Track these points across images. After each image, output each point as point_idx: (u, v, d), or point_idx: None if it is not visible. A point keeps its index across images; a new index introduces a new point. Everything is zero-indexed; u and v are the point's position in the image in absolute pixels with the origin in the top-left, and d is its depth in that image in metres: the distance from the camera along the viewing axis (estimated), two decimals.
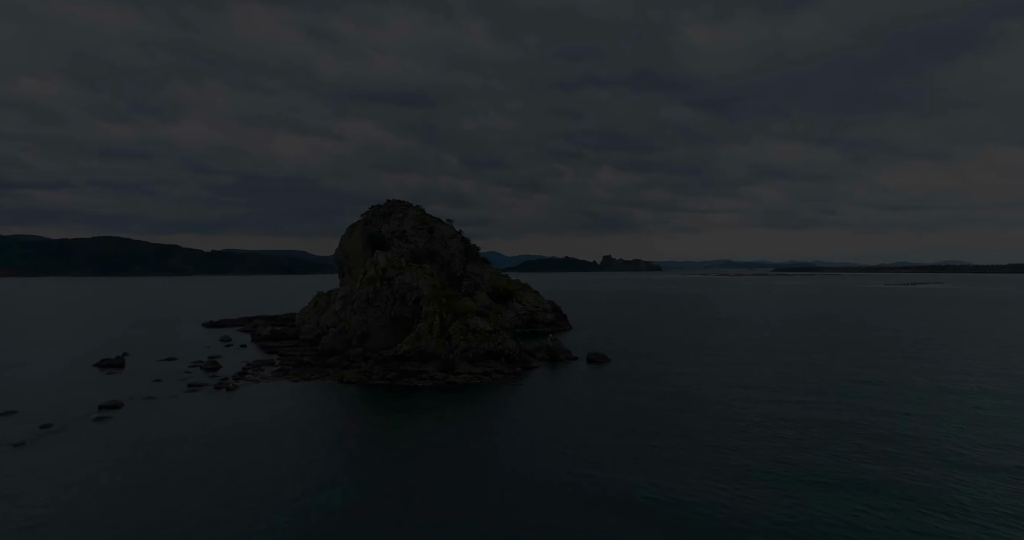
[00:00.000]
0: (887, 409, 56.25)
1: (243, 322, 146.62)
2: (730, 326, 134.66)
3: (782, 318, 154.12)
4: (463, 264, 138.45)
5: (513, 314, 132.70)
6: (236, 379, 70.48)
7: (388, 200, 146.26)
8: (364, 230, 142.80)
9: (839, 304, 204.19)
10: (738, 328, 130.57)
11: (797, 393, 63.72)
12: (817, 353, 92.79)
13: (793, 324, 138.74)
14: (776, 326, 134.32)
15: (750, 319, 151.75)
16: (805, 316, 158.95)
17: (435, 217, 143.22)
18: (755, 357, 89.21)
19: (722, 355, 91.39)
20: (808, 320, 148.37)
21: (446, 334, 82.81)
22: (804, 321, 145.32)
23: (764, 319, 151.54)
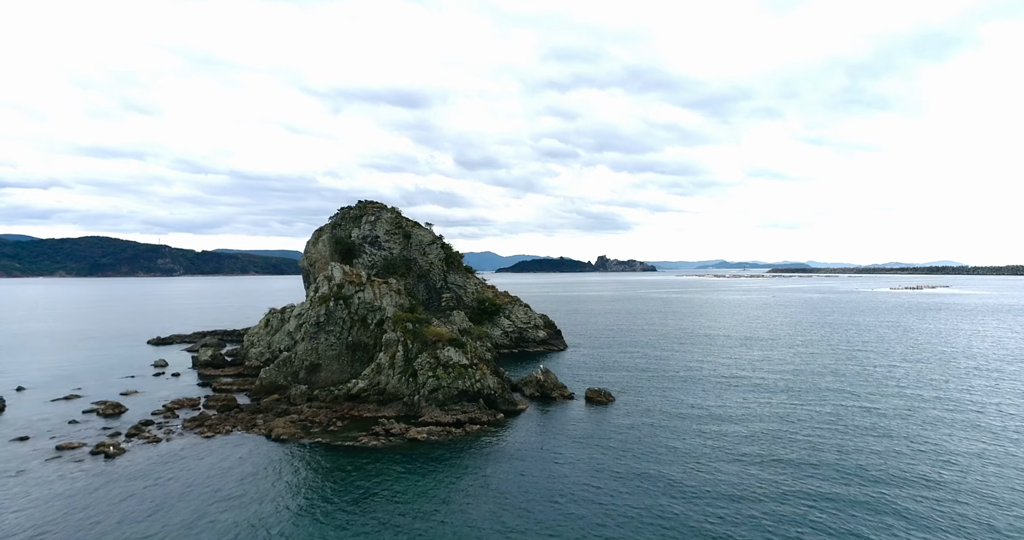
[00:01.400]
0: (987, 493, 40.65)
1: (196, 338, 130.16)
2: (746, 346, 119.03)
3: (804, 337, 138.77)
4: (444, 274, 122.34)
5: (500, 332, 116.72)
6: (129, 436, 54.18)
7: (360, 201, 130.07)
8: (332, 235, 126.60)
9: (860, 318, 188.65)
10: (756, 349, 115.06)
11: (879, 475, 48.03)
12: (873, 395, 77.16)
13: (821, 346, 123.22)
14: (801, 347, 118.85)
15: (766, 336, 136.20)
16: (830, 334, 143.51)
17: (412, 220, 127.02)
18: (793, 396, 73.45)
19: (751, 392, 75.61)
20: (838, 341, 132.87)
21: (411, 369, 66.72)
22: (833, 342, 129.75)
23: (783, 337, 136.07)
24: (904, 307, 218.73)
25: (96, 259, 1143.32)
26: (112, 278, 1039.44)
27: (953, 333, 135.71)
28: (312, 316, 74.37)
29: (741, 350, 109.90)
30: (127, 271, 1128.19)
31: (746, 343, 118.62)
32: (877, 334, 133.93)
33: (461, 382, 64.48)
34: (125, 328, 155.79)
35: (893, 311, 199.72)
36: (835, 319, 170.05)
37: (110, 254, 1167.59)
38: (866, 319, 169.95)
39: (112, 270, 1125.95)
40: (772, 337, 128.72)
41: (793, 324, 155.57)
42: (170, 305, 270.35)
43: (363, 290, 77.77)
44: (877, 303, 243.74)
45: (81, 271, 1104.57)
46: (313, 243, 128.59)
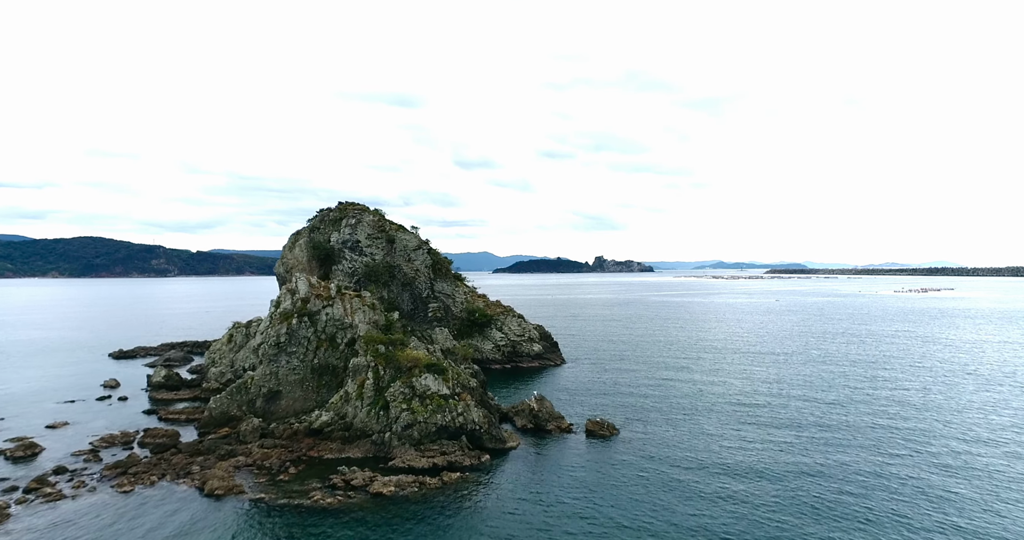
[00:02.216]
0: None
1: (163, 350, 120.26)
2: (759, 362, 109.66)
3: (819, 349, 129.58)
4: (430, 282, 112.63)
5: (492, 345, 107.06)
6: (28, 491, 44.38)
7: (340, 202, 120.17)
8: (309, 239, 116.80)
9: (874, 326, 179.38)
10: (770, 365, 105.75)
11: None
12: (920, 432, 67.74)
13: (840, 363, 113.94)
14: (819, 363, 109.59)
15: (779, 350, 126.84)
16: (847, 347, 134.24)
17: (396, 223, 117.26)
18: (824, 432, 63.97)
19: (773, 427, 66.11)
20: (858, 356, 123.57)
21: (381, 401, 56.99)
22: (853, 358, 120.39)
23: (797, 350, 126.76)
24: (917, 313, 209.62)
25: (90, 260, 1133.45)
26: (105, 279, 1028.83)
27: (979, 346, 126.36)
28: (272, 336, 64.57)
29: (754, 368, 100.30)
30: (121, 272, 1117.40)
31: (758, 359, 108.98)
32: (900, 347, 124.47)
33: (440, 416, 54.76)
34: (92, 337, 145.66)
35: (906, 318, 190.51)
36: (848, 327, 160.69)
37: (104, 254, 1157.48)
38: (881, 328, 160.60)
39: (106, 271, 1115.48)
40: (785, 351, 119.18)
41: (805, 335, 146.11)
42: (153, 309, 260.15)
43: (332, 305, 68.05)
44: (886, 308, 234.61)
45: (74, 272, 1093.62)
46: (290, 248, 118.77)
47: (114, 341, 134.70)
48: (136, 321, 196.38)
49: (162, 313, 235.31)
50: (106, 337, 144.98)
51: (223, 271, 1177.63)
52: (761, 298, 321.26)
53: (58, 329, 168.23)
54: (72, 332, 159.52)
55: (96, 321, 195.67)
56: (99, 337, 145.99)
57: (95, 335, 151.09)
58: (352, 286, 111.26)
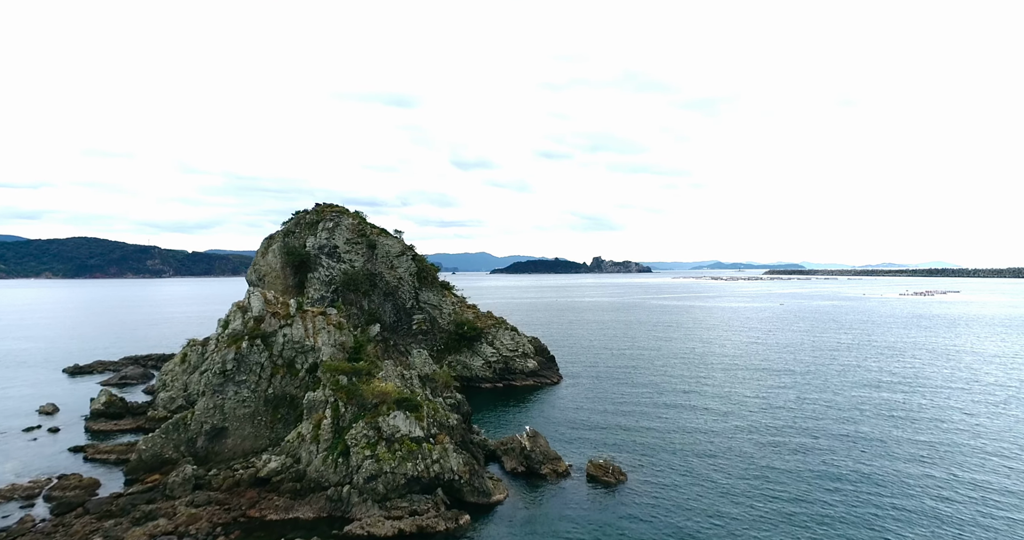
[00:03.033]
0: None
1: (124, 364, 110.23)
2: (777, 383, 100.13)
3: (838, 364, 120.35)
4: (415, 291, 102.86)
5: (482, 362, 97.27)
6: None
7: (317, 204, 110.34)
8: (283, 244, 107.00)
9: (890, 335, 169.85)
10: (789, 388, 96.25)
11: None
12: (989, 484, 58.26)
13: (866, 388, 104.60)
14: (842, 385, 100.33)
15: (794, 367, 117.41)
16: (868, 362, 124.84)
17: (378, 227, 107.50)
18: (871, 486, 54.39)
19: (812, 477, 56.52)
20: (885, 375, 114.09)
21: (341, 445, 47.23)
22: (881, 378, 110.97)
23: (815, 368, 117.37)
24: (929, 320, 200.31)
25: (83, 260, 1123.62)
26: (99, 280, 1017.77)
27: (1014, 360, 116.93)
28: (217, 362, 54.71)
29: (772, 390, 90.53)
30: (115, 272, 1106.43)
31: (774, 378, 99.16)
32: (924, 362, 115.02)
33: (411, 465, 45.03)
34: (49, 349, 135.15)
35: (920, 325, 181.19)
36: (861, 337, 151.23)
37: (98, 255, 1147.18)
38: (897, 338, 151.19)
39: (100, 271, 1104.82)
40: (801, 368, 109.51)
41: (817, 346, 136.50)
42: (134, 314, 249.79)
43: (291, 325, 58.22)
44: (896, 314, 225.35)
45: (68, 273, 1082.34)
46: (262, 253, 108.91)
47: (73, 353, 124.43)
48: (109, 328, 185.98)
49: (142, 318, 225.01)
50: (66, 348, 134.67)
51: (219, 272, 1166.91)
52: (764, 302, 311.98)
53: (14, 339, 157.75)
54: (30, 342, 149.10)
55: (63, 328, 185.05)
56: (57, 348, 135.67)
57: (54, 346, 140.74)
58: (329, 296, 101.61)
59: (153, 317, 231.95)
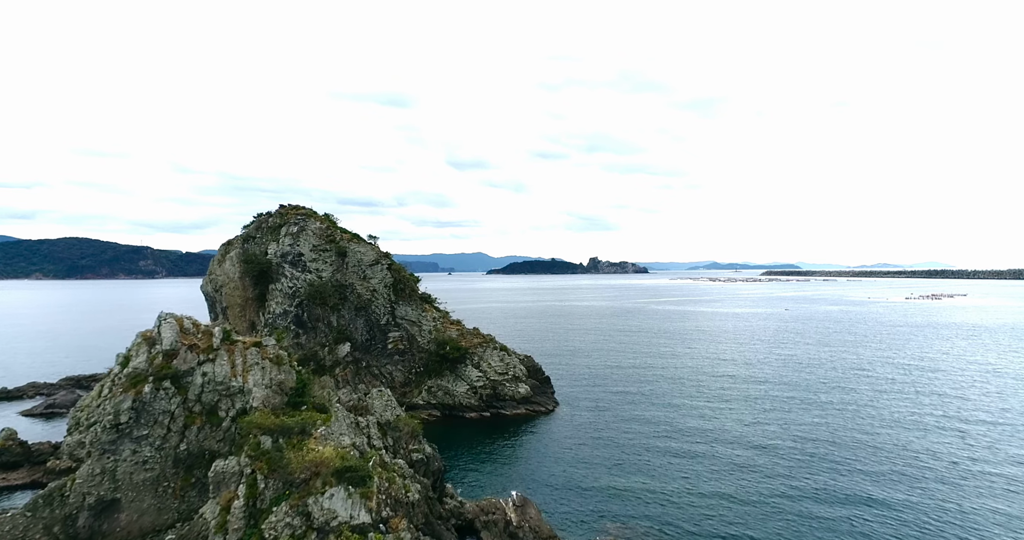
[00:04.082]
0: None
1: (63, 385, 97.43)
2: (805, 418, 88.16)
3: (873, 387, 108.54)
4: (391, 305, 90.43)
5: (466, 387, 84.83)
6: None
7: (281, 206, 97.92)
8: (243, 251, 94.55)
9: (918, 348, 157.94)
10: (820, 428, 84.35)
11: None
12: None
13: (920, 430, 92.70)
14: (881, 415, 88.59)
15: (825, 395, 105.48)
16: (908, 389, 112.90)
17: (350, 232, 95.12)
18: None
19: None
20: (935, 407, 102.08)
21: (256, 536, 34.73)
22: (935, 412, 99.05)
23: (855, 394, 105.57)
24: (950, 329, 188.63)
25: (75, 261, 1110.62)
26: (89, 281, 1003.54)
27: None
28: (108, 413, 42.15)
29: (804, 429, 78.22)
30: (107, 273, 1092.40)
31: (802, 410, 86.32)
32: (959, 381, 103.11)
33: None
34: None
35: (940, 335, 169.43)
36: (885, 354, 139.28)
37: (89, 255, 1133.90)
38: (923, 352, 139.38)
39: (91, 272, 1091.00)
40: (832, 396, 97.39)
41: (842, 366, 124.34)
42: (112, 319, 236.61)
43: (213, 360, 45.73)
44: (912, 322, 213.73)
45: (59, 273, 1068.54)
46: (219, 261, 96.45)
47: (10, 371, 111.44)
48: (72, 338, 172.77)
49: (116, 324, 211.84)
50: (6, 364, 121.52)
51: None
52: (769, 307, 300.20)
53: None
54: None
55: (17, 339, 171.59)
56: (7, 360, 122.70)
57: (7, 357, 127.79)
58: (292, 311, 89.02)
59: (130, 323, 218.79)
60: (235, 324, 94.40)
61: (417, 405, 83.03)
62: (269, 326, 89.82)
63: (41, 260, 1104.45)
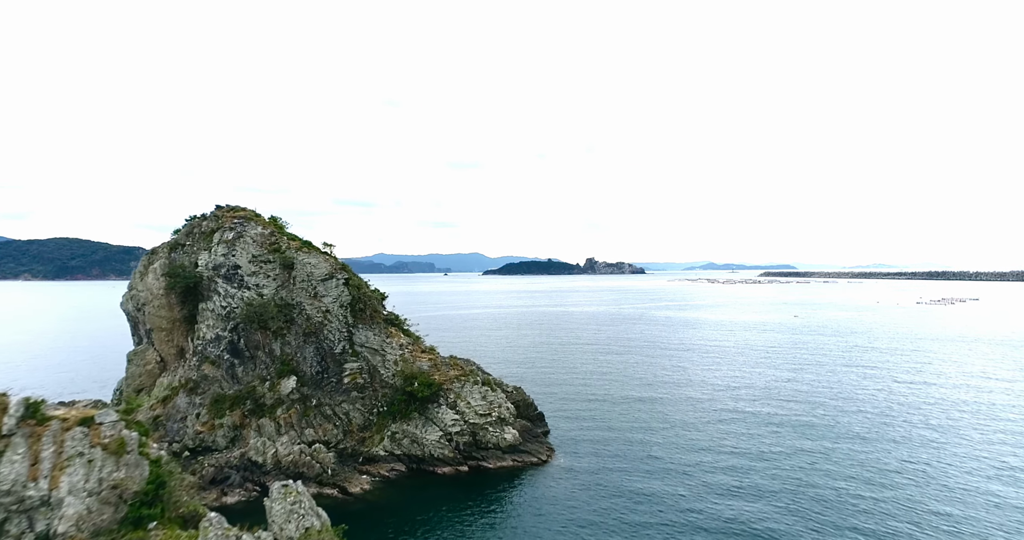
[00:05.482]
0: None
1: None
2: (866, 482, 71.97)
3: (927, 431, 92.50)
4: (348, 329, 73.62)
5: (439, 434, 68.03)
6: None
7: (218, 206, 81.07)
8: (168, 262, 77.71)
9: (953, 366, 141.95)
10: (890, 485, 68.19)
11: None
12: None
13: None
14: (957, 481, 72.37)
15: (883, 460, 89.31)
16: (984, 438, 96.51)
17: (300, 239, 78.18)
18: None
19: None
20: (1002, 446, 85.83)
21: None
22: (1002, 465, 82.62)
23: (921, 430, 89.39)
24: (986, 343, 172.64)
25: (65, 261, 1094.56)
26: (79, 281, 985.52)
27: None
28: None
29: (858, 487, 62.07)
30: (98, 274, 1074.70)
31: (872, 488, 70.53)
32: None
33: None
34: None
35: (982, 351, 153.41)
36: (925, 374, 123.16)
37: (80, 256, 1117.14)
38: (963, 367, 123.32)
39: (82, 273, 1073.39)
40: (900, 454, 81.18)
41: (885, 397, 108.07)
42: (80, 328, 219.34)
43: (1, 453, 29.04)
44: (935, 332, 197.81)
45: (48, 274, 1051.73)
46: (141, 274, 79.54)
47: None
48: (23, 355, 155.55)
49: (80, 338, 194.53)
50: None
51: None
52: (776, 313, 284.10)
53: None
54: None
55: None
56: None
57: None
58: (227, 335, 72.09)
59: (102, 333, 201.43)
60: (162, 350, 77.64)
61: (377, 457, 66.33)
62: (199, 355, 73.04)
63: (30, 261, 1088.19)
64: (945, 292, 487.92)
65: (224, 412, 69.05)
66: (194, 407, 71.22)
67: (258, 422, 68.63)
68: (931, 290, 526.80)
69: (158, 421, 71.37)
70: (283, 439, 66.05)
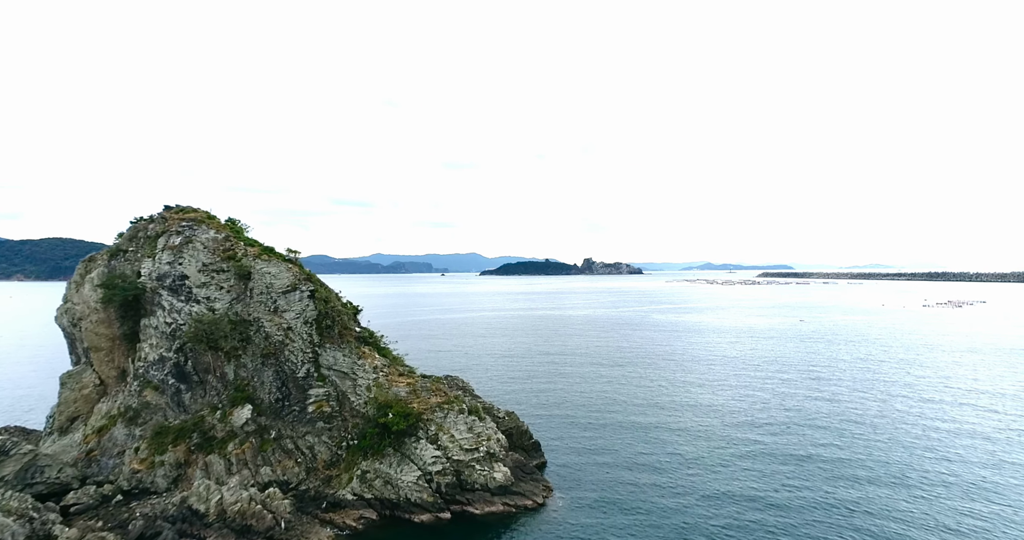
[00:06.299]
0: None
1: None
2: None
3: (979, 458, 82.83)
4: (313, 350, 63.81)
5: (417, 474, 58.23)
6: None
7: (167, 207, 71.23)
8: (107, 270, 67.84)
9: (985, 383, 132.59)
10: None
11: None
12: None
13: None
14: None
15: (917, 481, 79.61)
16: None
17: (260, 245, 68.45)
18: None
19: None
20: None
21: None
22: None
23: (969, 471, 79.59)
24: (1011, 353, 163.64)
25: (58, 262, 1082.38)
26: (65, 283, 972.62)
27: None
28: None
29: None
30: None
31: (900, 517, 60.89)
32: None
33: None
34: None
35: (1009, 361, 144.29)
36: (954, 392, 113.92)
37: (73, 256, 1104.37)
38: (999, 388, 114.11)
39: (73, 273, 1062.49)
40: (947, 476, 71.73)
41: (913, 415, 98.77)
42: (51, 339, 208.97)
43: None
44: (953, 338, 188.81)
45: (41, 274, 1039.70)
46: (76, 285, 69.53)
47: None
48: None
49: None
50: None
51: None
52: (780, 317, 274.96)
53: None
54: None
55: None
56: None
57: None
58: (172, 357, 62.28)
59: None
60: (102, 372, 67.62)
61: (343, 502, 56.50)
62: (141, 379, 63.18)
63: (23, 261, 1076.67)
64: (949, 294, 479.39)
65: (166, 447, 59.24)
66: (133, 440, 61.40)
67: (206, 459, 58.84)
68: (934, 292, 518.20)
69: (91, 457, 61.55)
70: (233, 480, 56.21)
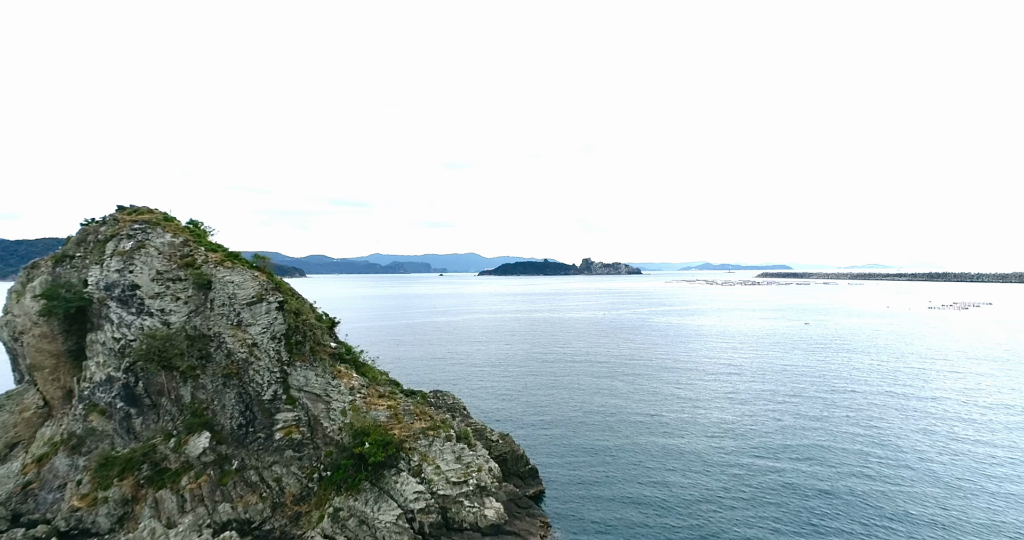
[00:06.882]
0: None
1: None
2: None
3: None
4: (281, 369, 56.64)
5: (398, 511, 51.09)
6: None
7: (120, 207, 64.04)
8: (50, 278, 60.67)
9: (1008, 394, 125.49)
10: None
11: None
12: None
13: None
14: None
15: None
16: None
17: (225, 250, 61.34)
18: None
19: None
20: None
21: None
22: None
23: None
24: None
25: None
26: None
27: None
28: None
29: None
30: None
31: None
32: None
33: None
34: None
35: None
36: (972, 407, 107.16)
37: None
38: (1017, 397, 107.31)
39: None
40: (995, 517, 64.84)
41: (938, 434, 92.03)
42: None
43: None
44: (967, 343, 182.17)
45: None
46: (17, 295, 62.26)
47: None
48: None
49: None
50: None
51: None
52: (784, 320, 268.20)
53: None
54: None
55: None
56: None
57: None
58: (121, 377, 55.11)
59: None
60: (46, 392, 60.44)
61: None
62: (86, 401, 56.03)
63: (19, 261, 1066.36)
64: (953, 295, 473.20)
65: (111, 480, 52.10)
66: (76, 471, 54.24)
67: (156, 494, 51.69)
68: (937, 293, 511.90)
69: (29, 490, 54.35)
70: (186, 521, 49.10)
